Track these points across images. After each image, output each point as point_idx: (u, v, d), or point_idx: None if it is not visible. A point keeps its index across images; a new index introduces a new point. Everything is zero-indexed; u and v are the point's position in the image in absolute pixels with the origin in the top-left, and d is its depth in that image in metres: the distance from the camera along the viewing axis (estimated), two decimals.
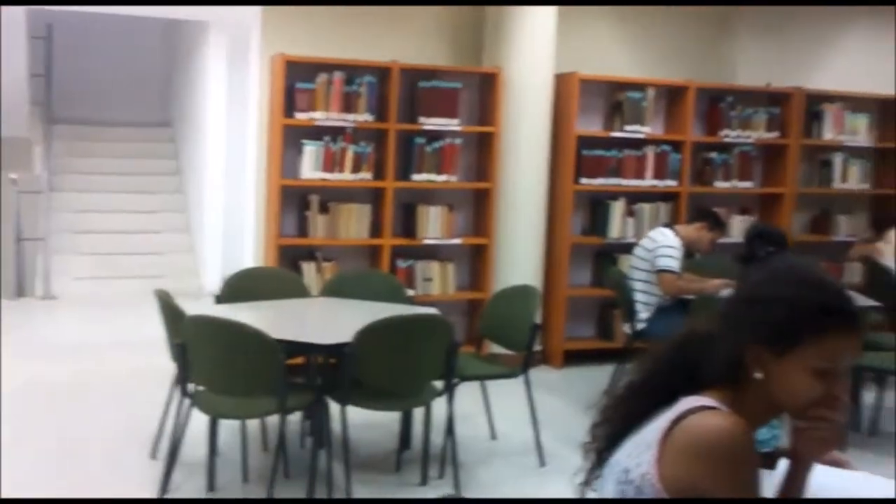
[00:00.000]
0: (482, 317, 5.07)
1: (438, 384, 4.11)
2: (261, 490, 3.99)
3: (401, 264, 6.14)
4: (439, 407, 4.16)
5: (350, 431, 3.90)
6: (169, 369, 4.11)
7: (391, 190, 6.02)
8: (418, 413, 4.44)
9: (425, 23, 6.41)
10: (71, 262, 8.23)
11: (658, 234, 5.37)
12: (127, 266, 8.32)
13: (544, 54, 6.22)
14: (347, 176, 5.92)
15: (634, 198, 6.64)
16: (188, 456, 4.11)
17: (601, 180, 6.49)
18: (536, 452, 4.54)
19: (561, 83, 6.38)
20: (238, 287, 4.76)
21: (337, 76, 5.84)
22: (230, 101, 7.34)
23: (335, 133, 5.90)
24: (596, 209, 6.66)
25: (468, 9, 6.45)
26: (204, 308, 4.25)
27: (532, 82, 6.20)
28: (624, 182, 6.55)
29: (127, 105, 9.94)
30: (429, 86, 6.07)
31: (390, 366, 3.89)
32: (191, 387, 3.85)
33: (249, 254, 6.20)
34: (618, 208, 6.57)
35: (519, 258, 6.29)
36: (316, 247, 6.03)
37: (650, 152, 6.61)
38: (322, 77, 5.81)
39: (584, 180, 6.44)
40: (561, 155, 6.42)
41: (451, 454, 4.14)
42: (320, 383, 4.17)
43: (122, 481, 4.11)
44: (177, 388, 3.93)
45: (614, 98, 6.64)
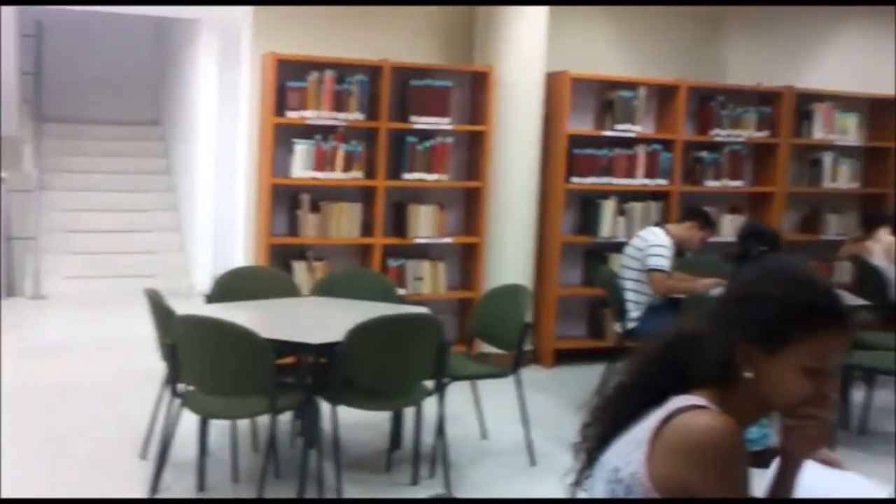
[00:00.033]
0: (473, 316, 5.06)
1: (429, 384, 4.11)
2: (251, 490, 3.98)
3: (392, 263, 6.14)
4: (430, 407, 4.15)
5: (341, 431, 3.89)
6: (159, 369, 4.10)
7: (382, 189, 6.01)
8: (409, 413, 4.44)
9: (417, 22, 6.41)
10: (61, 262, 8.19)
11: (649, 234, 5.38)
12: (117, 265, 8.29)
13: (535, 53, 6.22)
14: (338, 175, 5.91)
15: (625, 197, 6.65)
16: (178, 456, 4.10)
17: (592, 179, 6.50)
18: (527, 452, 4.54)
19: (552, 82, 6.38)
20: (229, 286, 4.75)
21: (328, 75, 5.83)
22: (221, 100, 7.31)
23: (326, 132, 5.89)
24: (587, 208, 6.67)
25: (459, 8, 6.45)
26: (194, 307, 4.24)
27: (523, 81, 6.20)
28: (615, 181, 6.56)
29: (117, 103, 9.91)
30: (420, 84, 6.06)
31: (381, 365, 3.88)
32: (181, 387, 3.83)
33: (240, 253, 6.19)
34: (608, 207, 6.58)
35: (510, 257, 6.29)
36: (307, 246, 6.02)
37: (641, 151, 6.62)
38: (313, 76, 5.80)
39: (575, 179, 6.45)
40: (552, 154, 6.43)
41: (442, 454, 4.13)
42: (311, 383, 4.17)
43: (112, 482, 4.09)
44: (167, 388, 3.92)
45: (605, 97, 6.64)
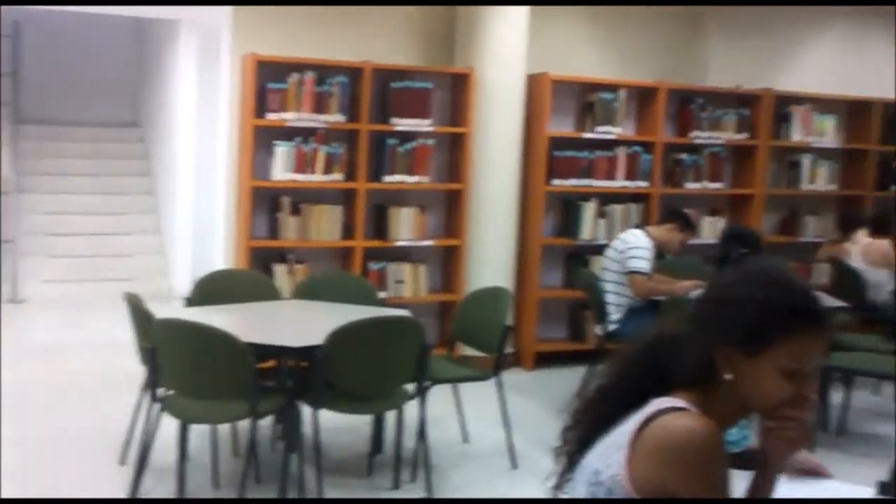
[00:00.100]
0: (454, 319, 5.06)
1: (410, 387, 4.10)
2: (232, 495, 3.96)
3: (373, 266, 6.12)
4: (411, 410, 4.14)
5: (322, 435, 3.88)
6: (139, 373, 4.07)
7: (363, 191, 5.99)
8: (390, 416, 4.43)
9: (397, 23, 6.40)
10: (40, 265, 8.11)
11: (629, 236, 5.40)
12: (96, 268, 8.22)
13: (516, 55, 6.23)
14: (319, 177, 5.89)
15: (606, 199, 6.67)
16: (158, 461, 4.06)
17: (573, 181, 6.51)
18: (508, 455, 4.54)
19: (533, 84, 6.39)
20: (208, 289, 4.71)
21: (308, 76, 5.81)
22: (201, 102, 7.27)
23: (306, 134, 5.87)
24: (567, 210, 6.68)
25: (440, 9, 6.45)
26: (174, 311, 4.21)
27: (504, 83, 6.20)
28: (595, 183, 6.58)
29: (96, 105, 9.82)
30: (401, 86, 6.05)
31: (362, 369, 3.87)
32: (161, 391, 3.81)
33: (220, 256, 6.15)
34: (589, 209, 6.59)
35: (491, 260, 6.29)
36: (287, 249, 5.99)
37: (621, 153, 6.64)
38: (293, 77, 5.78)
39: (556, 181, 6.46)
40: (532, 156, 6.43)
41: (424, 457, 4.12)
42: (291, 387, 4.15)
43: (91, 487, 4.06)
44: (146, 393, 3.89)
45: (586, 99, 6.66)
